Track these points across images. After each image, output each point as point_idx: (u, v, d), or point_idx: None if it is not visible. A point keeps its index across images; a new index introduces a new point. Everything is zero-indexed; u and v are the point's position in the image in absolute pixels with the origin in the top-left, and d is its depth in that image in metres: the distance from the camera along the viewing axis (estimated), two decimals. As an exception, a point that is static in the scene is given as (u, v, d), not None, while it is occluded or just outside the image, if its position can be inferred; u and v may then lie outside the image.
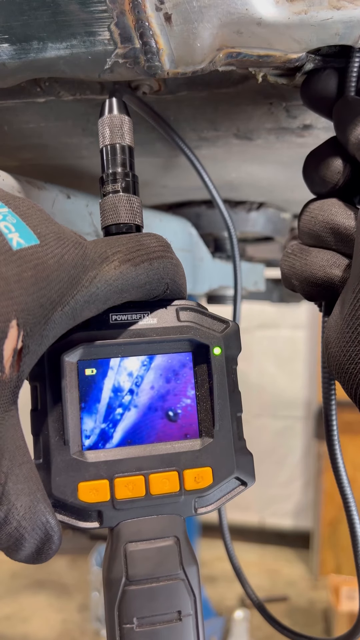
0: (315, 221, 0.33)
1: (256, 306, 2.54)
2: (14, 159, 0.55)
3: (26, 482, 0.24)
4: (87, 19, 0.29)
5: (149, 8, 0.28)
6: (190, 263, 0.66)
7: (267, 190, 0.68)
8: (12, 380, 0.24)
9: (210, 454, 0.32)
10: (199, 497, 0.32)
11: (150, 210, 0.61)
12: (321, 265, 0.32)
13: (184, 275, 0.32)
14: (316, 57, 0.33)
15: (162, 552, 0.31)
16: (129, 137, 0.35)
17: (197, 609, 0.31)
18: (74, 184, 0.50)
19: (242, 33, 0.30)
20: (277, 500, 3.16)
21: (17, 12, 0.29)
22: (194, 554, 0.32)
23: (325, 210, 0.33)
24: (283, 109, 0.41)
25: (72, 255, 0.26)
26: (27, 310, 0.23)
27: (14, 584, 2.74)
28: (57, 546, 0.26)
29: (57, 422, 0.30)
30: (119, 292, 0.28)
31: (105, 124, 0.35)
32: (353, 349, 0.28)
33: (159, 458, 0.31)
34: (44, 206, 0.43)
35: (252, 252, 0.97)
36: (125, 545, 0.30)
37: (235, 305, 0.52)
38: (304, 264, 0.33)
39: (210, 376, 0.33)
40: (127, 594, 0.30)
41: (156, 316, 0.33)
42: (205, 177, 0.44)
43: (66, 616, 2.49)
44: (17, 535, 0.24)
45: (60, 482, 0.30)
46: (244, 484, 0.33)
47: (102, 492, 0.30)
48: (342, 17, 0.29)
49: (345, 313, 0.29)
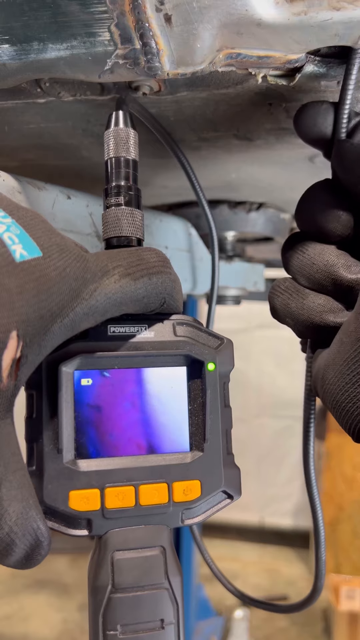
0: (316, 268, 0.34)
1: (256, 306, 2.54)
2: (14, 159, 0.55)
3: (19, 489, 0.25)
4: (88, 19, 0.29)
5: (149, 9, 0.28)
6: (190, 263, 0.66)
7: (267, 190, 0.68)
8: (9, 389, 0.24)
9: (199, 467, 0.33)
10: (186, 508, 0.33)
11: (150, 210, 0.61)
12: (319, 311, 0.34)
13: (181, 290, 0.33)
14: (316, 57, 0.33)
15: (148, 562, 0.31)
16: (134, 150, 0.35)
17: (179, 618, 0.31)
18: (74, 185, 0.50)
19: (242, 34, 0.30)
20: (276, 500, 3.16)
21: (18, 13, 0.29)
22: (179, 564, 0.32)
23: (326, 260, 0.34)
24: (283, 110, 0.41)
25: (74, 268, 0.26)
26: (28, 321, 0.24)
27: (14, 583, 2.74)
28: (46, 552, 0.26)
29: (52, 431, 0.31)
30: (117, 305, 0.29)
31: (111, 137, 0.35)
32: (353, 390, 0.29)
33: (149, 469, 0.32)
34: (44, 206, 0.43)
35: (251, 252, 0.97)
36: (113, 553, 0.31)
37: (210, 306, 0.52)
38: (300, 307, 0.34)
39: (204, 391, 0.33)
40: (112, 601, 0.30)
41: (154, 330, 0.33)
42: (194, 180, 0.45)
43: (66, 616, 2.49)
44: (8, 541, 0.25)
45: (52, 490, 0.30)
46: (230, 497, 0.34)
47: (93, 501, 0.31)
48: (342, 17, 0.29)
49: (346, 356, 0.30)
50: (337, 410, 0.31)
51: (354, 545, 2.84)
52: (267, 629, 2.43)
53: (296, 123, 0.34)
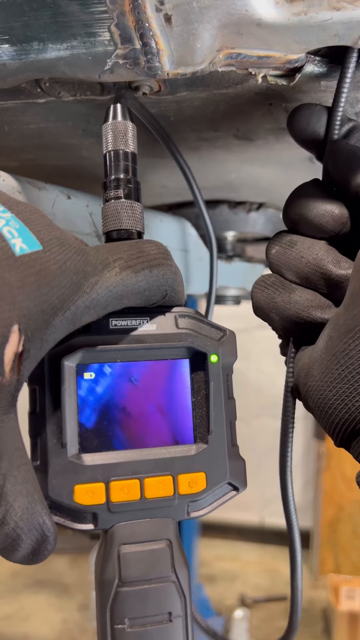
0: (305, 262, 0.33)
1: (256, 306, 2.53)
2: (14, 159, 0.55)
3: (24, 484, 0.25)
4: (88, 19, 0.29)
5: (149, 9, 0.28)
6: (189, 263, 0.66)
7: (267, 190, 0.68)
8: (12, 383, 0.24)
9: (204, 459, 0.33)
10: (192, 501, 0.32)
11: (150, 210, 0.61)
12: (306, 306, 0.33)
13: (182, 282, 0.33)
14: (316, 57, 0.33)
15: (154, 555, 0.31)
16: (133, 143, 0.35)
17: (187, 611, 0.31)
18: (74, 185, 0.50)
19: (242, 34, 0.30)
20: (277, 500, 3.15)
21: (18, 13, 0.29)
22: (185, 556, 0.32)
23: (316, 254, 0.33)
24: (283, 110, 0.41)
25: (75, 261, 0.26)
26: (29, 315, 0.24)
27: (14, 583, 2.74)
28: (53, 547, 0.26)
29: (55, 425, 0.31)
30: (119, 298, 0.28)
31: (109, 130, 0.35)
32: (341, 386, 0.29)
33: (154, 462, 0.32)
34: (44, 207, 0.43)
35: (251, 252, 0.97)
36: (119, 547, 0.31)
37: (208, 305, 0.52)
38: (287, 301, 0.34)
39: (207, 383, 0.33)
40: (119, 595, 0.30)
41: (155, 322, 0.33)
42: (193, 183, 0.45)
43: (66, 615, 2.49)
44: (14, 536, 0.24)
45: (57, 484, 0.30)
46: (235, 489, 0.34)
47: (98, 495, 0.31)
48: (342, 18, 0.29)
49: (334, 351, 0.29)
50: (320, 409, 0.30)
51: (354, 545, 2.84)
52: (267, 629, 2.43)
53: (290, 124, 0.35)
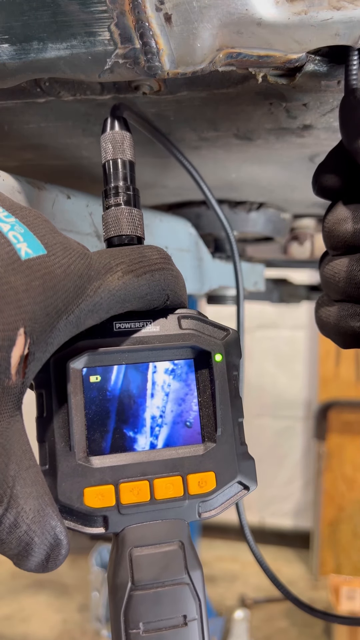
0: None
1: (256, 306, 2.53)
2: (14, 159, 0.55)
3: (34, 486, 0.25)
4: (87, 19, 0.29)
5: (149, 8, 0.28)
6: (190, 263, 0.66)
7: (267, 190, 0.68)
8: (18, 386, 0.24)
9: (213, 458, 0.32)
10: (202, 501, 0.32)
11: (150, 210, 0.61)
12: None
13: (184, 286, 0.33)
14: (316, 57, 0.33)
15: (167, 557, 0.31)
16: (130, 152, 0.36)
17: (202, 613, 0.31)
18: (74, 184, 0.50)
19: (242, 33, 0.30)
20: (277, 500, 3.16)
21: (18, 13, 0.29)
22: (198, 558, 0.32)
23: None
24: (283, 109, 0.41)
25: (78, 265, 0.27)
26: (34, 318, 0.24)
27: (14, 583, 2.74)
28: (67, 552, 0.26)
29: (63, 429, 0.31)
30: (121, 301, 0.29)
31: (107, 140, 0.36)
32: None
33: (163, 463, 0.32)
34: (44, 206, 0.43)
35: (252, 252, 0.97)
36: (131, 550, 0.31)
37: (238, 307, 0.52)
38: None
39: (212, 382, 0.33)
40: (133, 599, 0.30)
41: (158, 324, 0.33)
42: (204, 186, 0.45)
43: (66, 616, 2.49)
44: (27, 539, 0.24)
45: (66, 488, 0.30)
46: (246, 488, 0.34)
47: (108, 497, 0.30)
48: (342, 17, 0.29)
49: None
50: None
51: (354, 545, 2.84)
52: (267, 629, 2.42)
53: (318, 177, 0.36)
